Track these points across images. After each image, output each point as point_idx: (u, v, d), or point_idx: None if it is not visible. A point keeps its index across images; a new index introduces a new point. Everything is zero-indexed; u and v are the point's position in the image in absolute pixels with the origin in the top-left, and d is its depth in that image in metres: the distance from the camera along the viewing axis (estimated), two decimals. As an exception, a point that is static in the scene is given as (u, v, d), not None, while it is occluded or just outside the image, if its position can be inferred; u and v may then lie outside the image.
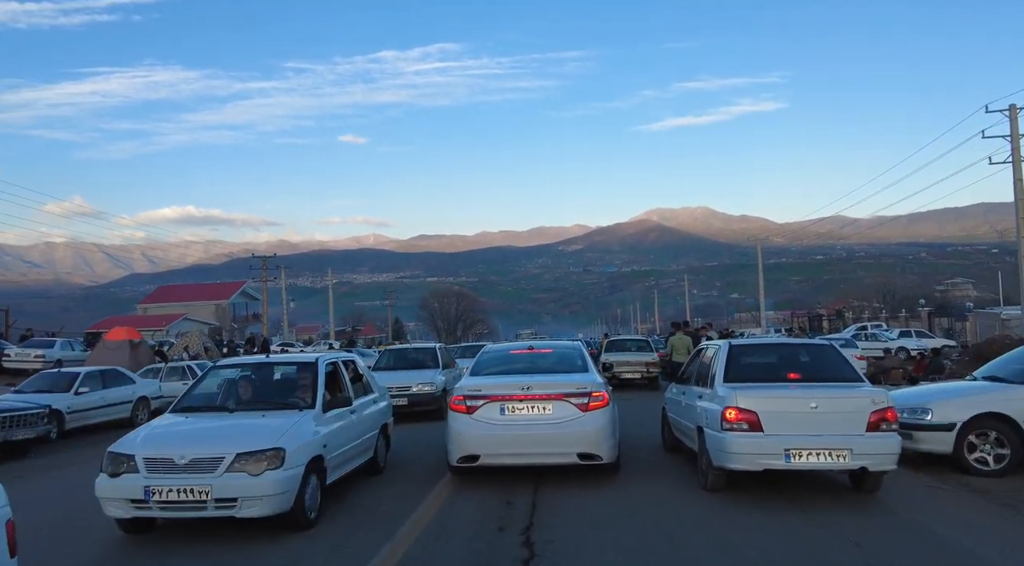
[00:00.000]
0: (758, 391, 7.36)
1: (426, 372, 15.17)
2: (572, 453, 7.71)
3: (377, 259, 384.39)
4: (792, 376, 7.86)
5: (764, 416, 7.10)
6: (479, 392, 7.97)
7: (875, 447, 7.01)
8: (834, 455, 6.99)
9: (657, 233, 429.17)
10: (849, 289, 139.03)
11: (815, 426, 7.04)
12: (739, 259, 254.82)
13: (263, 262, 48.67)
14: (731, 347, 8.43)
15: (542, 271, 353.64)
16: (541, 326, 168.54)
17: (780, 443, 7.03)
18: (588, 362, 8.94)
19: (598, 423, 7.76)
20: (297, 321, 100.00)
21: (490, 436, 7.76)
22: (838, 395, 7.29)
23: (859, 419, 7.05)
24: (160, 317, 61.62)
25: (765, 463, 7.06)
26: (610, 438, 7.91)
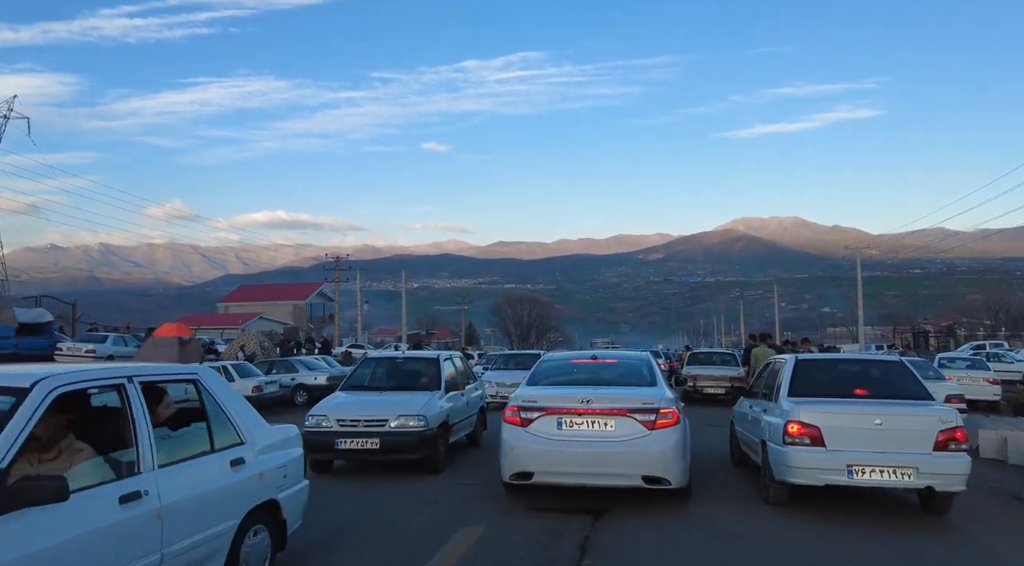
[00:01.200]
0: (821, 406, 7.29)
1: (416, 397, 9.79)
2: (636, 475, 6.96)
3: (456, 265, 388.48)
4: (859, 392, 7.73)
5: (827, 431, 7.05)
6: (535, 403, 7.30)
7: (943, 467, 6.84)
8: (899, 473, 6.84)
9: (743, 243, 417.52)
10: (951, 305, 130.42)
11: (879, 443, 6.93)
12: (830, 271, 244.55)
13: (336, 263, 49.11)
14: (797, 361, 8.39)
15: (621, 280, 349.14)
16: (619, 335, 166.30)
17: (843, 459, 6.94)
18: (657, 375, 8.10)
19: (666, 443, 6.96)
20: (377, 324, 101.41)
21: (546, 452, 7.08)
22: (904, 412, 7.17)
23: (926, 437, 6.90)
24: (238, 316, 62.91)
25: (827, 478, 7.01)
26: (679, 460, 7.07)
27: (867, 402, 7.40)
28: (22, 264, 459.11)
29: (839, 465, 6.92)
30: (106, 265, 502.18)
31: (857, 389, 7.75)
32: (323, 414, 9.41)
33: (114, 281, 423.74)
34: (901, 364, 8.43)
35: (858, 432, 6.99)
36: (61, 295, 47.38)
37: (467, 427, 11.35)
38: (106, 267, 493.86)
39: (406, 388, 10.38)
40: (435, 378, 10.50)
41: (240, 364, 21.09)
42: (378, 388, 10.69)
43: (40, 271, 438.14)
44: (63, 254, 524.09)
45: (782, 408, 7.50)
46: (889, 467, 6.85)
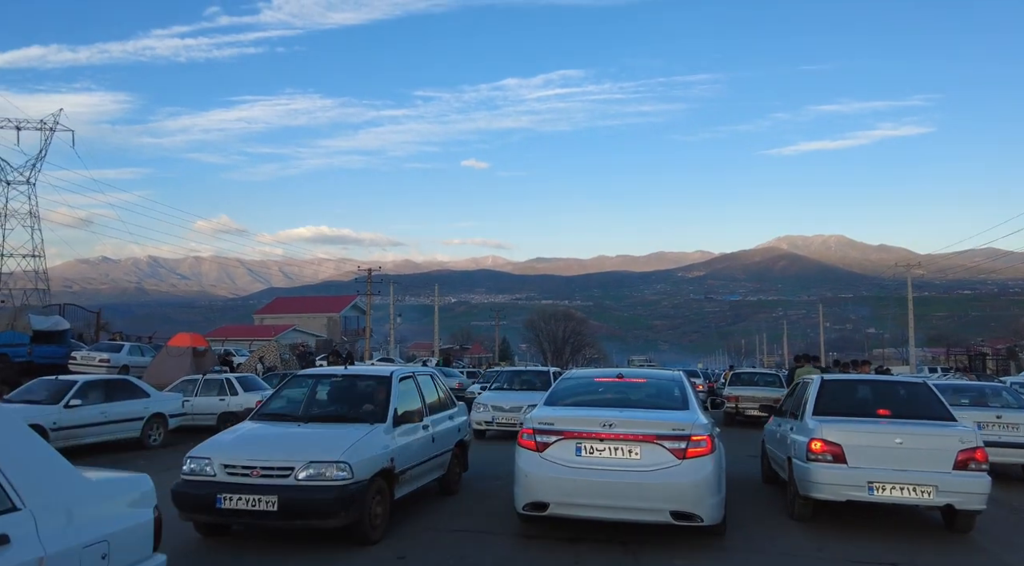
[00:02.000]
0: (844, 424, 7.57)
1: (346, 433, 6.97)
2: (664, 510, 6.22)
3: (494, 280, 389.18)
4: (881, 412, 7.93)
5: (849, 449, 7.31)
6: (551, 426, 6.62)
7: (963, 486, 7.02)
8: (919, 491, 7.05)
9: (786, 261, 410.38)
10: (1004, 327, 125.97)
11: (900, 461, 7.17)
12: (877, 291, 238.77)
13: (368, 275, 49.56)
14: (823, 381, 8.70)
15: (660, 297, 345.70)
16: (657, 353, 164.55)
17: (864, 475, 7.18)
18: (690, 397, 7.24)
19: (698, 474, 6.22)
20: (413, 338, 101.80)
21: (562, 481, 6.38)
22: (925, 432, 7.37)
23: (946, 457, 7.11)
24: (271, 327, 63.29)
25: (848, 494, 7.24)
26: (713, 494, 6.32)
27: (889, 421, 7.67)
28: (74, 275, 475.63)
29: (860, 482, 7.18)
30: (154, 277, 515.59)
31: (880, 409, 8.00)
32: (205, 456, 6.55)
33: (161, 293, 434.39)
34: (925, 385, 8.64)
35: (879, 450, 7.27)
36: (110, 306, 48.65)
37: (434, 470, 8.40)
38: (154, 279, 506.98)
39: (339, 419, 7.56)
40: (382, 405, 7.57)
41: (245, 376, 18.75)
42: (300, 418, 7.57)
43: (91, 282, 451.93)
44: (114, 266, 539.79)
45: (806, 426, 7.81)
46: (909, 484, 7.08)
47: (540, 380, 13.93)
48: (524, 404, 11.10)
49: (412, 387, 8.43)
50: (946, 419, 7.70)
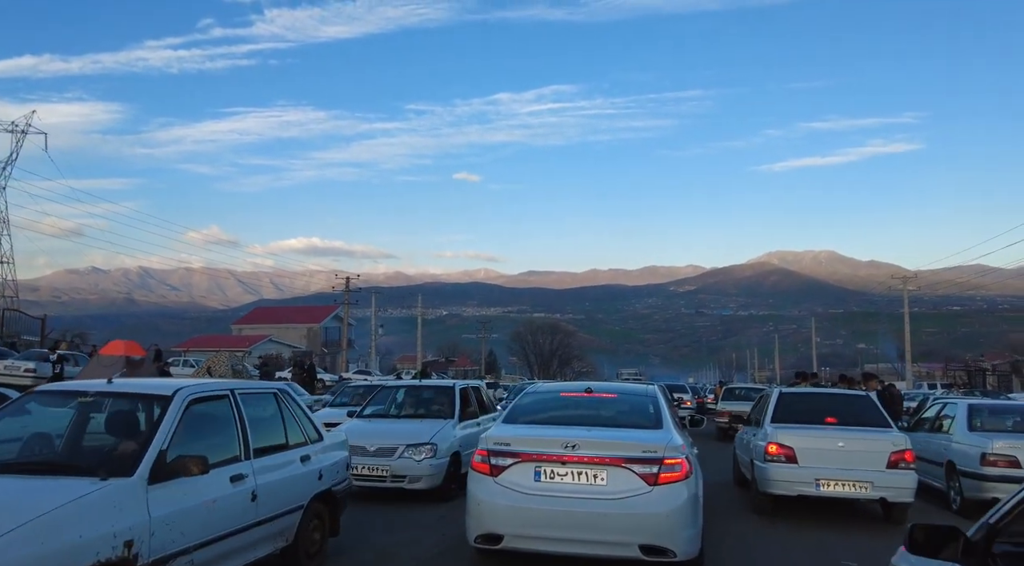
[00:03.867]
0: (796, 430, 8.84)
1: None
2: (632, 543, 5.52)
3: (486, 293, 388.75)
4: (829, 420, 9.17)
5: (800, 451, 8.55)
6: (507, 447, 5.91)
7: (894, 482, 8.26)
8: (857, 486, 8.31)
9: (777, 276, 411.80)
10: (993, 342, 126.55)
11: (842, 461, 8.37)
12: (867, 306, 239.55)
13: (346, 285, 48.84)
14: (781, 393, 10.17)
15: (652, 311, 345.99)
16: (648, 367, 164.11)
17: (812, 474, 8.42)
18: (664, 415, 6.57)
19: (671, 503, 5.54)
20: (400, 350, 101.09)
21: (519, 510, 5.67)
22: (863, 437, 8.63)
23: (880, 458, 8.32)
24: (247, 338, 61.96)
25: (799, 490, 8.50)
26: (688, 525, 5.63)
27: (834, 428, 8.91)
28: (63, 285, 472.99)
29: (809, 479, 8.42)
30: (144, 288, 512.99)
31: (828, 418, 9.24)
32: None
33: (151, 304, 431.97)
34: (867, 397, 10.05)
35: (825, 452, 8.50)
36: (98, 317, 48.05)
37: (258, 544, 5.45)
38: (144, 290, 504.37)
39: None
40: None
41: None
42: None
43: (80, 292, 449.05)
44: (103, 277, 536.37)
45: (765, 432, 9.02)
46: (850, 481, 8.33)
47: (440, 403, 10.37)
48: (402, 444, 8.84)
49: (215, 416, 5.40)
50: (883, 426, 8.95)
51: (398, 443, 9.06)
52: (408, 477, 8.89)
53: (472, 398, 11.04)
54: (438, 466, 9.04)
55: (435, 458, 8.99)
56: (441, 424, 9.60)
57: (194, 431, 4.95)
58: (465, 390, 10.95)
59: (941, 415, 11.14)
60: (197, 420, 5.04)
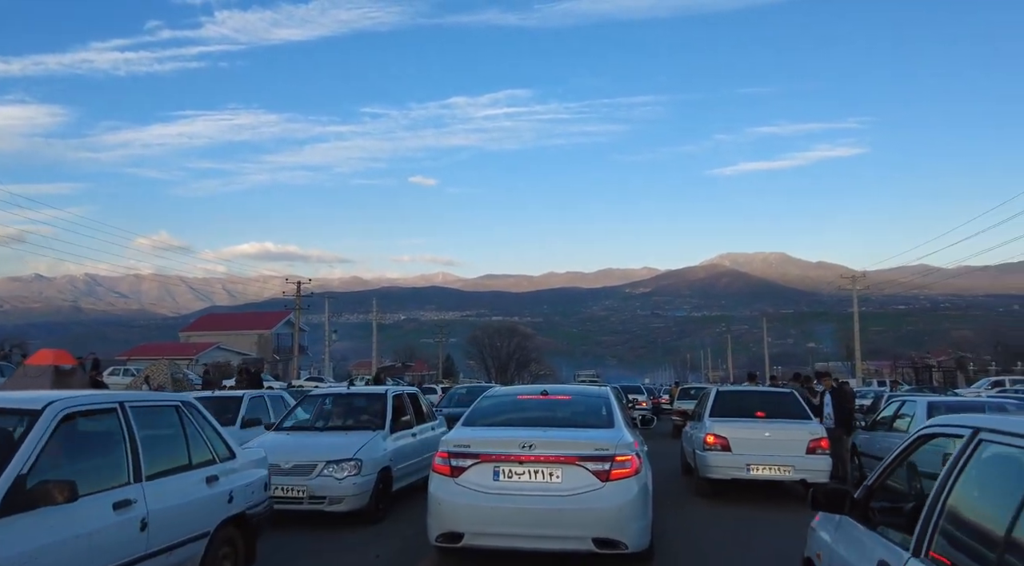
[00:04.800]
0: (730, 423, 10.19)
1: None
2: (586, 537, 5.85)
3: (444, 297, 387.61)
4: (759, 413, 10.57)
5: (733, 441, 9.87)
6: (467, 448, 6.18)
7: (812, 465, 9.68)
8: (781, 470, 9.74)
9: (729, 278, 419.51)
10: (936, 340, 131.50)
11: (769, 449, 9.74)
12: (816, 306, 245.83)
13: (297, 289, 47.97)
14: (718, 391, 11.69)
15: (609, 313, 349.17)
16: (605, 368, 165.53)
17: (743, 460, 9.77)
18: (616, 414, 6.95)
19: (622, 497, 5.87)
20: (356, 356, 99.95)
21: (478, 508, 5.94)
22: (786, 427, 10.09)
23: (800, 445, 9.78)
24: (194, 346, 60.17)
25: (732, 474, 9.83)
26: (638, 518, 5.97)
27: (762, 420, 10.36)
28: (5, 293, 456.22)
29: (741, 465, 9.76)
30: (91, 296, 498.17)
31: (758, 412, 10.63)
32: None
33: (99, 312, 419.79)
34: (791, 394, 11.56)
35: (754, 441, 9.85)
36: (43, 325, 46.67)
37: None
38: (91, 298, 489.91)
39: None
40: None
41: None
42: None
43: (23, 301, 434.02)
44: (48, 284, 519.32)
45: (704, 425, 10.37)
46: (775, 466, 9.71)
47: (370, 413, 9.60)
48: (322, 461, 7.99)
49: None
50: (804, 418, 10.36)
51: (317, 459, 8.06)
52: (328, 498, 7.90)
53: (407, 406, 10.15)
54: (363, 484, 8.06)
55: (360, 475, 8.03)
56: (369, 436, 8.65)
57: (70, 452, 4.35)
58: (399, 397, 10.05)
59: (899, 413, 11.32)
60: (74, 438, 4.42)
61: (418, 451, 9.64)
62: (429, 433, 10.32)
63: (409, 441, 9.53)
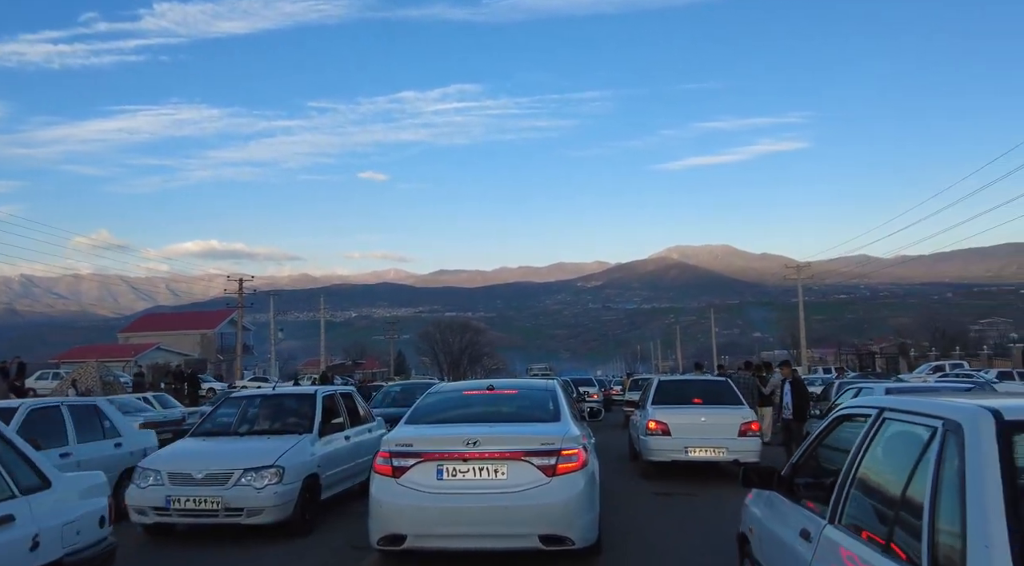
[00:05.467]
0: (669, 409, 11.19)
1: None
2: (532, 534, 5.73)
3: (397, 294, 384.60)
4: (696, 400, 11.57)
5: (672, 426, 10.80)
6: (409, 447, 6.00)
7: (743, 446, 10.59)
8: (716, 451, 10.65)
9: (677, 270, 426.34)
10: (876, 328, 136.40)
11: (705, 432, 10.67)
12: (761, 297, 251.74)
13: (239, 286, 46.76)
14: (659, 381, 12.81)
15: (561, 307, 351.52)
16: (558, 362, 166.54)
17: (682, 443, 10.70)
18: (563, 408, 6.86)
19: (569, 492, 5.77)
20: (304, 355, 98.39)
21: (421, 509, 5.77)
22: (720, 412, 11.04)
23: (733, 428, 10.70)
24: (132, 347, 58.35)
25: (672, 456, 10.78)
26: (586, 512, 5.91)
27: (699, 407, 11.36)
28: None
29: (679, 447, 10.67)
30: (28, 297, 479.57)
31: (695, 399, 11.64)
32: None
33: (36, 314, 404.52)
34: (726, 382, 12.77)
35: (692, 425, 10.80)
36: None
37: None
38: (28, 299, 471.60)
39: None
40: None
41: None
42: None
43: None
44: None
45: (646, 412, 11.35)
46: (710, 447, 10.63)
47: (297, 415, 8.95)
48: (239, 469, 7.35)
49: None
50: (737, 404, 11.35)
51: (234, 467, 7.40)
52: (246, 509, 7.23)
53: (340, 407, 9.53)
54: (285, 494, 7.41)
55: (282, 484, 7.37)
56: (294, 441, 8.02)
57: None
58: (330, 398, 9.42)
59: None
60: None
61: (352, 455, 9.13)
62: (365, 436, 9.76)
63: (341, 445, 8.94)
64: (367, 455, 8.87)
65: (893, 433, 3.06)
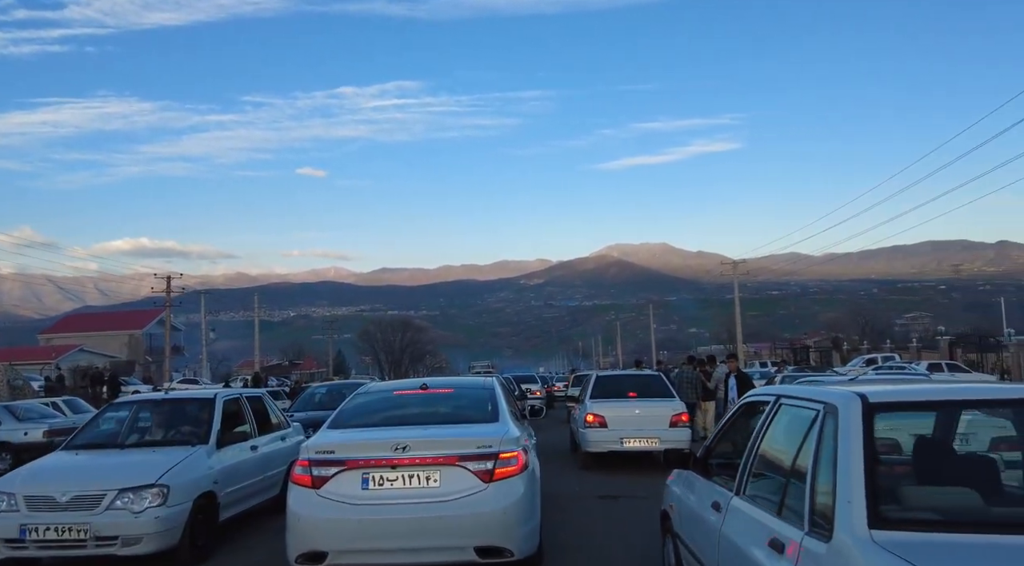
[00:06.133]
0: (606, 403, 11.91)
1: None
2: (467, 547, 5.30)
3: (337, 292, 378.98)
4: (631, 394, 12.34)
5: (609, 418, 11.49)
6: (332, 454, 5.47)
7: (674, 436, 11.31)
8: (649, 441, 11.37)
9: (617, 268, 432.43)
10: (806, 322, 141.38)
11: (639, 424, 11.31)
12: (696, 293, 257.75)
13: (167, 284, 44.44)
14: (598, 376, 13.61)
15: (504, 305, 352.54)
16: (501, 359, 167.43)
17: (617, 434, 11.32)
18: (501, 407, 6.41)
19: (507, 499, 5.35)
20: (240, 356, 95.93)
21: (344, 522, 5.25)
22: (652, 405, 11.77)
23: (665, 419, 11.44)
24: (53, 349, 56.21)
25: (609, 447, 11.44)
26: (526, 521, 5.50)
27: (634, 400, 12.10)
28: None
29: (616, 439, 11.32)
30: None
31: (630, 392, 12.42)
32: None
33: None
34: (658, 376, 13.62)
35: (627, 418, 11.47)
36: None
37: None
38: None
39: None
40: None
41: None
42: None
43: None
44: None
45: (585, 406, 12.08)
46: (644, 438, 11.31)
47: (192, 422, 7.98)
48: (112, 490, 6.28)
49: None
50: (668, 397, 12.13)
51: (106, 487, 6.25)
52: (121, 538, 6.10)
53: (246, 413, 8.42)
54: (171, 518, 6.30)
55: (166, 506, 6.28)
56: (184, 454, 6.95)
57: None
58: (234, 402, 8.33)
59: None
60: None
61: (260, 467, 8.18)
62: (278, 445, 8.82)
63: (246, 456, 7.92)
64: (280, 466, 8.40)
65: (786, 416, 3.63)
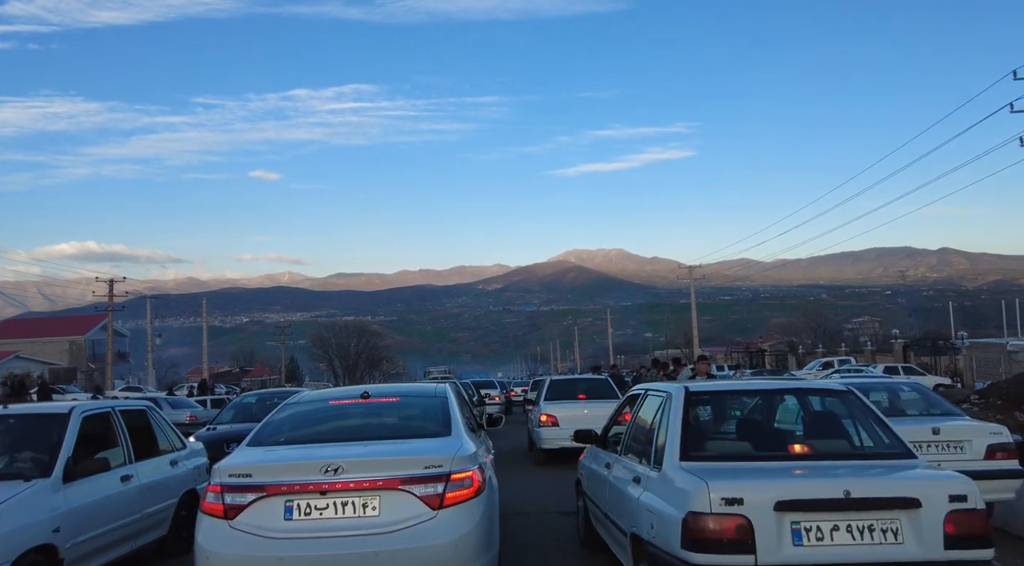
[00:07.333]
0: (558, 404, 13.41)
1: None
2: None
3: (292, 297, 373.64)
4: (581, 396, 13.89)
5: (560, 418, 12.81)
6: (248, 478, 4.53)
7: None
8: None
9: (574, 273, 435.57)
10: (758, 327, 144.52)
11: (587, 423, 10.70)
12: (652, 298, 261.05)
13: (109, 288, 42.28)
14: (551, 380, 15.68)
15: (462, 310, 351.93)
16: (459, 365, 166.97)
17: (568, 433, 10.86)
18: (454, 418, 5.48)
19: (461, 528, 4.48)
20: (189, 362, 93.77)
21: (261, 560, 4.35)
22: (599, 405, 12.30)
23: None
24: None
25: (560, 444, 12.48)
26: (482, 553, 4.62)
27: (583, 401, 13.59)
28: None
29: (567, 436, 11.28)
30: None
31: (580, 394, 14.02)
32: None
33: None
34: (606, 380, 15.31)
35: (577, 417, 12.19)
36: None
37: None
38: None
39: None
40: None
41: None
42: None
43: None
44: None
45: (540, 407, 13.57)
46: None
47: (33, 447, 6.12)
48: None
49: None
50: (613, 398, 12.74)
51: None
52: None
53: (118, 432, 6.61)
54: None
55: None
56: (11, 491, 5.27)
57: None
58: (99, 419, 6.49)
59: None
60: None
61: (136, 503, 6.45)
62: (166, 471, 7.13)
63: (113, 490, 6.19)
64: (169, 498, 6.99)
65: (649, 401, 5.66)
